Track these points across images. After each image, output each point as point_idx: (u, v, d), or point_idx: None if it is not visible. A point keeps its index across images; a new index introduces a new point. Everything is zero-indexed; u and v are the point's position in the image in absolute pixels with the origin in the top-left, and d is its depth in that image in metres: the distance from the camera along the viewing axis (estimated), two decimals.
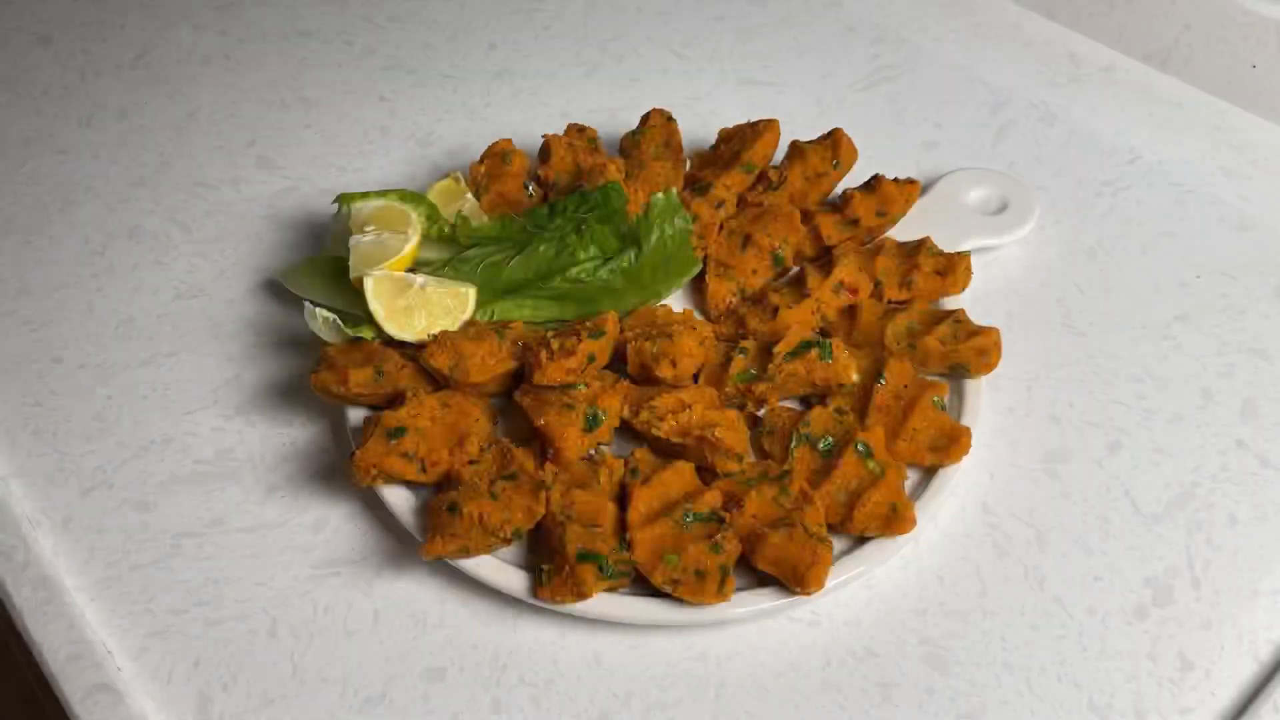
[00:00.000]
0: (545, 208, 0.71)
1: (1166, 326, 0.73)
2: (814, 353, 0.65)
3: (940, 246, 0.72)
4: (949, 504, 0.65)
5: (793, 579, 0.57)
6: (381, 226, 0.70)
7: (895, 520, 0.60)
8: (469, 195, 0.75)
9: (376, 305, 0.65)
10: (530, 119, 0.81)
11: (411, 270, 0.69)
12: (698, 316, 0.72)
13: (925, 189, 0.79)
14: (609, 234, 0.69)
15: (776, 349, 0.65)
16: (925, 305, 0.70)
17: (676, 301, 0.74)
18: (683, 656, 0.60)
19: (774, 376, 0.65)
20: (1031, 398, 0.70)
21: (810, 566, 0.57)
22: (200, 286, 0.78)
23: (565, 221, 0.69)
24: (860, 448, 0.62)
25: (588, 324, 0.65)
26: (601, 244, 0.69)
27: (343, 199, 0.72)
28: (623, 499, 0.62)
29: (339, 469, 0.68)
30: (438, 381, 0.66)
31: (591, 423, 0.62)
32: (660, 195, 0.68)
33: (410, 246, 0.69)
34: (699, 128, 0.88)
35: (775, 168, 0.76)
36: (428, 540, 0.58)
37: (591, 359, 0.64)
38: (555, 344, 0.63)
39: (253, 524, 0.66)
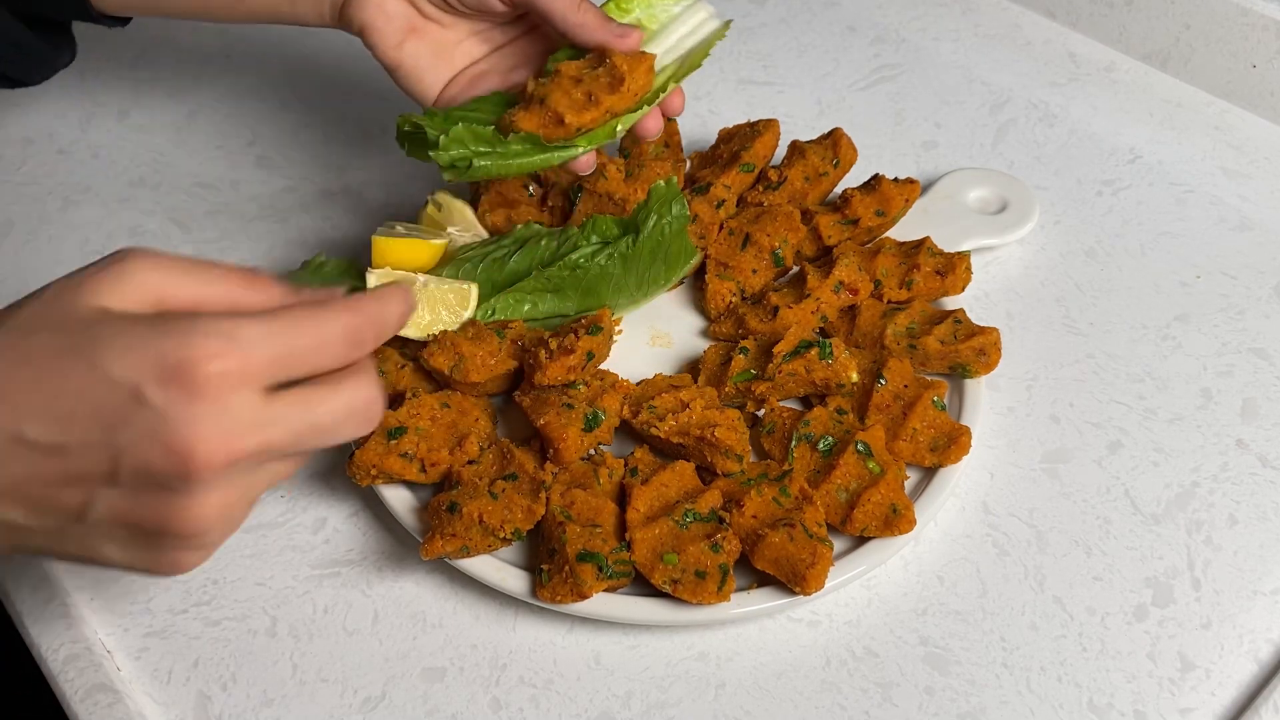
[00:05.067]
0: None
1: (1166, 326, 0.73)
2: (814, 353, 0.65)
3: (940, 246, 0.72)
4: (949, 504, 0.65)
5: (793, 579, 0.57)
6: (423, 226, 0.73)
7: (895, 520, 0.60)
8: (462, 206, 0.75)
9: None
10: None
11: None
12: (697, 316, 0.73)
13: (925, 189, 0.79)
14: (611, 224, 0.69)
15: (776, 349, 0.65)
16: (925, 305, 0.70)
17: (677, 301, 0.74)
18: (683, 656, 0.60)
19: (774, 376, 0.65)
20: (1031, 398, 0.70)
21: (810, 566, 0.57)
22: None
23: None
24: (860, 448, 0.62)
25: (584, 321, 0.65)
26: (604, 234, 0.69)
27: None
28: (623, 499, 0.62)
29: (339, 469, 0.67)
30: (438, 381, 0.66)
31: (591, 423, 0.62)
32: (660, 183, 0.69)
33: (439, 242, 0.70)
34: (699, 128, 0.88)
35: (775, 168, 0.76)
36: (427, 540, 0.58)
37: (591, 356, 0.64)
38: (554, 343, 0.63)
39: (253, 524, 0.66)
